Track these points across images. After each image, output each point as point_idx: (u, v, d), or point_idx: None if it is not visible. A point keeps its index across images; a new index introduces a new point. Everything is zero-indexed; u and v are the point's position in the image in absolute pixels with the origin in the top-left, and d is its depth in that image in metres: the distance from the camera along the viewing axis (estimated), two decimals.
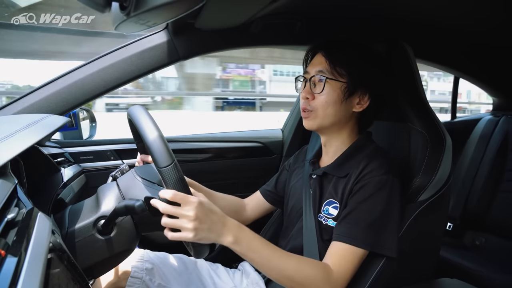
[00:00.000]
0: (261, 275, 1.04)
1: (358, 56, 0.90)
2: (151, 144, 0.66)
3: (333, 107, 0.88)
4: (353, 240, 0.80)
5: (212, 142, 1.53)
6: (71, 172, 1.07)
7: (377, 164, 0.85)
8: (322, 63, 0.89)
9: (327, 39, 0.94)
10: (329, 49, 0.90)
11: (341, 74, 0.88)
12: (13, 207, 0.46)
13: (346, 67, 0.88)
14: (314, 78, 0.90)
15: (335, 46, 0.91)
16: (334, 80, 0.88)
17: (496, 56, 1.61)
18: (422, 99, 0.99)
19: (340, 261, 0.80)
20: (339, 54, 0.89)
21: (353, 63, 0.88)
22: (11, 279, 0.33)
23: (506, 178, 1.68)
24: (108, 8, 0.59)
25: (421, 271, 1.04)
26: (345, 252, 0.80)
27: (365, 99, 0.90)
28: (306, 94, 0.90)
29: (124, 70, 1.01)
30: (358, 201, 0.83)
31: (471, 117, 2.10)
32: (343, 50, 0.90)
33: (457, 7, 1.05)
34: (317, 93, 0.89)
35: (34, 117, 0.74)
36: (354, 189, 0.85)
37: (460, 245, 1.74)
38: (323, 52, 0.90)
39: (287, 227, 1.05)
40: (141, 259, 0.99)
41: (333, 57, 0.89)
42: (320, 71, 0.89)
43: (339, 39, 0.93)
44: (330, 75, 0.88)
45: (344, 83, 0.88)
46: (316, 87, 0.89)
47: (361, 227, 0.81)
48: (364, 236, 0.80)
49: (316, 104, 0.89)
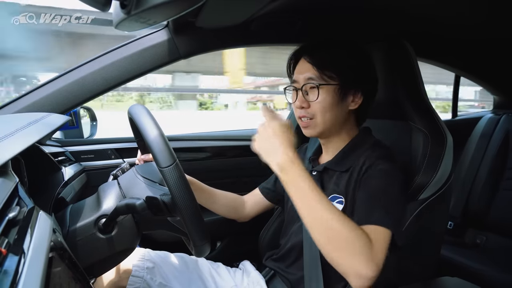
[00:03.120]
0: (262, 274, 1.04)
1: (343, 55, 0.88)
2: (153, 144, 0.66)
3: (331, 111, 0.87)
4: (385, 221, 0.73)
5: (212, 140, 1.53)
6: (72, 171, 1.07)
7: (380, 155, 0.84)
8: (309, 69, 0.87)
9: (308, 43, 0.92)
10: (313, 53, 0.88)
11: (331, 77, 0.86)
12: (14, 205, 0.46)
13: (334, 69, 0.86)
14: (306, 86, 0.88)
15: (318, 48, 0.89)
16: (326, 85, 0.86)
17: (497, 54, 1.61)
18: (423, 97, 0.99)
19: (375, 245, 0.69)
20: (324, 57, 0.87)
21: (340, 63, 0.87)
22: (12, 277, 0.33)
23: (507, 177, 1.68)
24: (108, 6, 0.59)
25: (421, 269, 1.04)
26: (378, 235, 0.71)
27: (358, 96, 0.90)
28: (301, 103, 0.88)
29: (125, 68, 1.00)
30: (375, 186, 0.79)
31: (472, 115, 2.10)
32: (327, 52, 0.88)
33: (457, 3, 1.04)
34: (312, 101, 0.87)
35: (35, 115, 0.74)
36: (364, 178, 0.83)
37: (461, 244, 1.74)
38: (308, 58, 0.88)
39: (287, 224, 1.05)
40: (142, 258, 0.99)
41: (319, 61, 0.87)
42: (309, 78, 0.87)
43: (321, 41, 0.91)
44: (320, 80, 0.86)
45: (336, 85, 0.87)
46: (310, 95, 0.88)
47: (385, 209, 0.74)
48: (392, 219, 0.74)
49: (314, 111, 0.88)
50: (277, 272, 1.02)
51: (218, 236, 1.45)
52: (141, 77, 1.07)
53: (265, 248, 1.19)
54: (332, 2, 1.03)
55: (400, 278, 0.90)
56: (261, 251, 1.21)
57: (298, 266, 0.96)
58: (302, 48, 0.92)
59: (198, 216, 0.68)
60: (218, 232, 1.41)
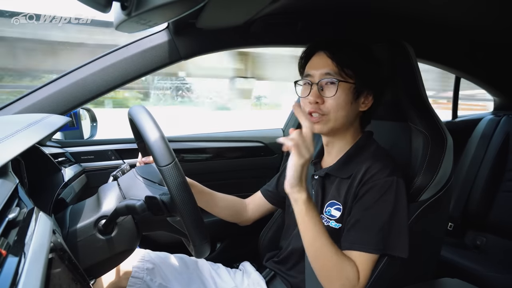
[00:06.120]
0: (262, 275, 1.03)
1: (360, 56, 0.89)
2: (152, 143, 0.67)
3: (344, 109, 0.87)
4: (367, 247, 0.80)
5: (212, 142, 1.53)
6: (72, 172, 1.07)
7: (381, 166, 0.84)
8: (328, 65, 0.86)
9: (326, 39, 0.91)
10: (334, 50, 0.87)
11: (349, 75, 0.86)
12: (14, 207, 0.46)
13: (353, 68, 0.86)
14: (322, 82, 0.87)
15: (337, 46, 0.88)
16: (344, 82, 0.86)
17: (497, 56, 1.61)
18: (423, 98, 0.99)
19: (360, 269, 0.79)
20: (344, 55, 0.86)
21: (358, 63, 0.87)
22: (12, 279, 0.33)
23: (507, 178, 1.68)
24: (109, 8, 0.59)
25: (421, 270, 1.04)
26: (363, 259, 0.80)
27: (369, 98, 0.90)
28: (316, 98, 0.86)
29: (125, 69, 1.01)
30: (365, 207, 0.82)
31: (472, 116, 2.09)
32: (347, 50, 0.88)
33: (458, 5, 1.04)
34: (329, 96, 0.86)
35: (35, 116, 0.74)
36: (360, 193, 0.84)
37: (461, 245, 1.73)
38: (328, 53, 0.87)
39: (288, 227, 1.05)
40: (142, 259, 0.99)
41: (339, 58, 0.86)
42: (327, 73, 0.86)
43: (339, 39, 0.91)
44: (339, 76, 0.85)
45: (353, 84, 0.86)
46: (326, 91, 0.86)
47: (373, 232, 0.80)
48: (376, 241, 0.80)
49: (328, 107, 0.86)
50: (278, 274, 1.02)
51: (218, 237, 1.45)
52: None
53: (265, 249, 1.19)
54: (331, 3, 1.04)
55: (400, 279, 0.90)
56: (261, 252, 1.21)
57: (299, 269, 0.96)
58: (319, 42, 0.90)
59: (197, 216, 0.68)
60: (218, 233, 1.40)
